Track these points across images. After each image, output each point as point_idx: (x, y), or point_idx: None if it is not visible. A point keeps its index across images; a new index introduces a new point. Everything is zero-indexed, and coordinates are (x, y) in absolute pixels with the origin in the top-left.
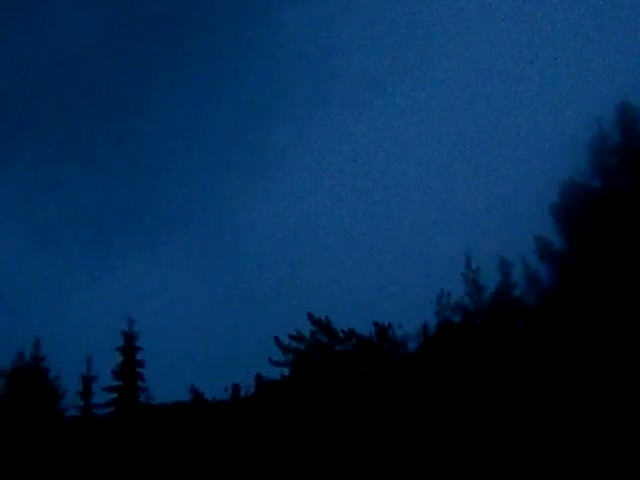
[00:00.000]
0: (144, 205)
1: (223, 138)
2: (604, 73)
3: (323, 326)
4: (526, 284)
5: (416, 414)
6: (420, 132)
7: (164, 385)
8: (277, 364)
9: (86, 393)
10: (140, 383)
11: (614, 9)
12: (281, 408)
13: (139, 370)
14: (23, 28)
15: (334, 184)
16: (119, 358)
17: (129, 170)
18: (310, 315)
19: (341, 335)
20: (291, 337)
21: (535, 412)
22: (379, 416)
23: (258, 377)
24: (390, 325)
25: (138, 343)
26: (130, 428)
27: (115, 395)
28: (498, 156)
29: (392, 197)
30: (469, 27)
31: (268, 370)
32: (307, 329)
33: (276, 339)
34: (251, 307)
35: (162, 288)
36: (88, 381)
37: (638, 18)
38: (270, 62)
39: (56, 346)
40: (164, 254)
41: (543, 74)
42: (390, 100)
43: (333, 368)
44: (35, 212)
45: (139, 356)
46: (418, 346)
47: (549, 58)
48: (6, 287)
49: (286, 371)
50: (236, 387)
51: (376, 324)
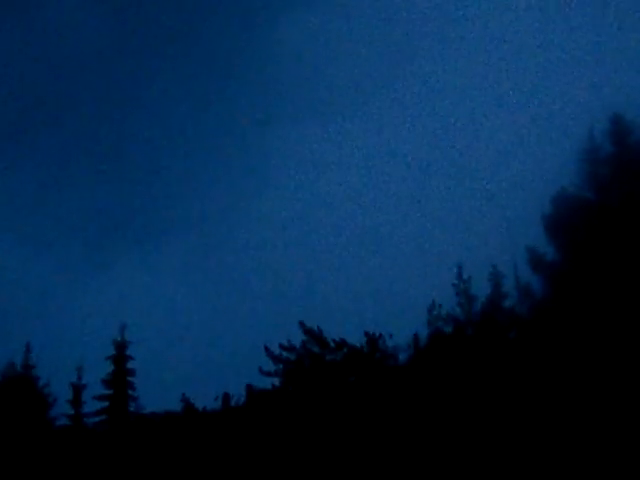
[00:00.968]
0: (136, 213)
1: (219, 142)
2: (596, 84)
3: (314, 335)
4: (518, 294)
5: (407, 424)
6: (413, 141)
7: (154, 394)
8: (268, 374)
9: (76, 401)
10: (131, 392)
11: (608, 17)
12: (272, 418)
13: (130, 379)
14: (23, 29)
15: (327, 192)
16: (110, 367)
17: (123, 176)
18: (302, 324)
19: (332, 345)
20: (282, 347)
21: (527, 422)
22: (370, 426)
23: (249, 387)
24: (381, 335)
25: (129, 352)
26: (120, 437)
27: (106, 404)
28: (490, 166)
29: (384, 206)
30: (464, 33)
31: (259, 379)
32: (298, 339)
33: (266, 349)
34: (242, 316)
35: (153, 297)
36: (78, 389)
37: (633, 27)
38: (267, 66)
39: (47, 354)
40: (155, 263)
41: (536, 83)
42: (383, 106)
43: (324, 378)
44: (27, 218)
45: (130, 365)
46: (409, 356)
47: (542, 67)
48: None
49: (277, 381)
50: (227, 396)
51: (367, 334)
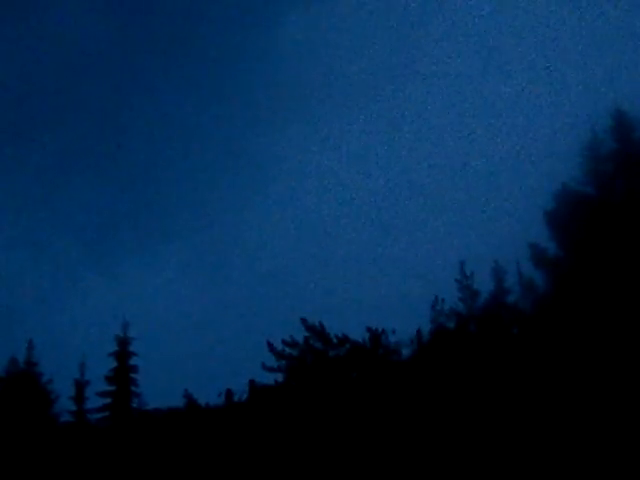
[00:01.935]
0: (140, 211)
1: (220, 144)
2: (599, 80)
3: (317, 331)
4: (520, 290)
5: (410, 420)
6: (415, 138)
7: (157, 390)
8: (271, 370)
9: (79, 398)
10: (133, 388)
11: (610, 15)
12: (275, 413)
13: (133, 375)
14: (23, 31)
15: (329, 190)
16: (113, 363)
17: (125, 176)
18: (304, 320)
19: (334, 341)
20: (284, 343)
21: (530, 417)
22: (372, 422)
23: (251, 383)
24: (384, 331)
25: (132, 348)
26: (123, 434)
27: (108, 400)
28: (493, 162)
29: (387, 203)
30: (465, 32)
31: (262, 376)
32: (301, 335)
33: (269, 345)
34: (245, 312)
35: (156, 293)
36: (81, 386)
37: (634, 24)
38: (269, 67)
39: (50, 351)
40: (159, 260)
41: (539, 80)
42: (386, 105)
43: (326, 374)
44: (30, 217)
45: (133, 361)
46: (412, 352)
47: (545, 65)
48: (0, 292)
49: (280, 377)
50: (229, 392)
51: (370, 330)
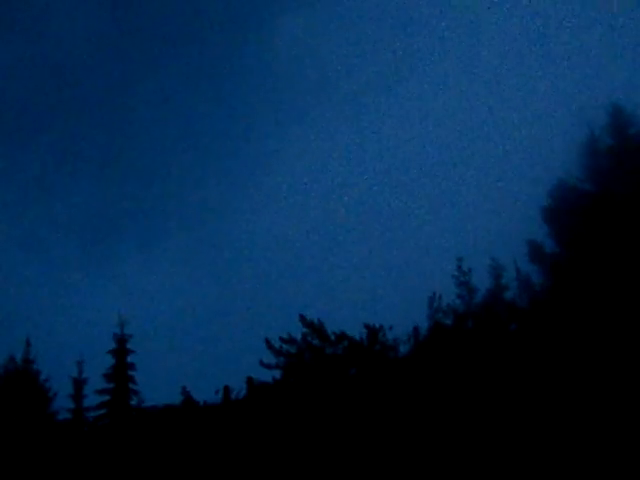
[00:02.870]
0: (138, 209)
1: (217, 143)
2: (596, 76)
3: (315, 328)
4: (518, 286)
5: (407, 417)
6: (412, 136)
7: (155, 388)
8: (268, 367)
9: (77, 395)
10: (132, 386)
11: (606, 11)
12: (272, 410)
13: (131, 373)
14: (22, 32)
15: (327, 188)
16: (111, 360)
17: (124, 174)
18: (302, 317)
19: (332, 337)
20: (282, 340)
21: (527, 414)
22: (370, 419)
23: (249, 380)
24: (381, 327)
25: (130, 346)
26: (121, 431)
27: (106, 397)
28: (490, 159)
29: (384, 200)
30: (461, 31)
31: (260, 372)
32: (298, 331)
33: (267, 342)
34: (242, 309)
35: (154, 291)
36: (79, 383)
37: (634, 19)
38: (266, 66)
39: (48, 348)
40: (157, 257)
41: (536, 77)
42: (382, 104)
43: (324, 370)
44: (28, 214)
45: (131, 359)
46: (410, 348)
47: (540, 61)
48: None
49: (277, 374)
50: (227, 389)
51: (367, 326)
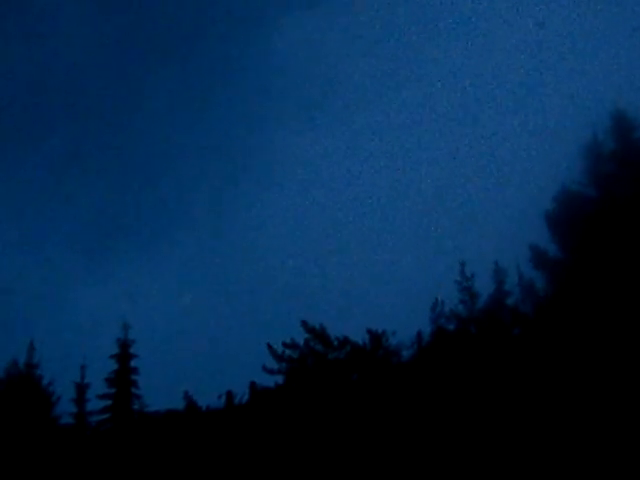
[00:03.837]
0: (140, 214)
1: (219, 145)
2: (600, 80)
3: (317, 333)
4: (521, 292)
5: (410, 422)
6: (415, 139)
7: (158, 392)
8: (271, 372)
9: (80, 400)
10: (134, 390)
11: (611, 12)
12: (275, 416)
13: (133, 377)
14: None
15: (328, 191)
16: (113, 365)
17: (125, 176)
18: (304, 323)
19: (335, 343)
20: (285, 345)
21: (531, 420)
22: (373, 424)
23: (252, 385)
24: (384, 333)
25: (132, 350)
26: (124, 436)
27: (109, 402)
28: (493, 163)
29: (386, 203)
30: (466, 33)
31: (262, 378)
32: (301, 337)
33: (270, 347)
34: (245, 314)
35: (157, 295)
36: (82, 388)
37: (635, 21)
38: (266, 68)
39: (51, 353)
40: (159, 261)
41: (538, 81)
42: (386, 103)
43: (327, 376)
44: (31, 218)
45: (133, 363)
46: (412, 354)
47: (544, 65)
48: (1, 294)
49: (280, 379)
50: (230, 394)
51: (370, 332)
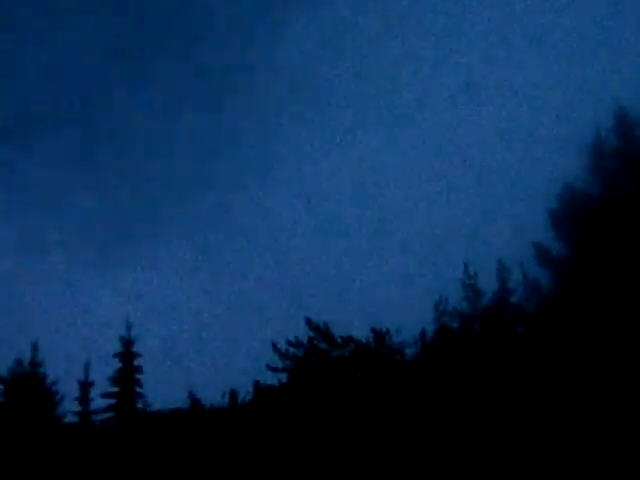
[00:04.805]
0: (143, 211)
1: (221, 148)
2: (602, 78)
3: (321, 332)
4: (525, 290)
5: (414, 420)
6: (419, 139)
7: (162, 391)
8: (275, 370)
9: (84, 399)
10: (138, 389)
11: (613, 12)
12: (279, 414)
13: (137, 376)
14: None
15: (334, 191)
16: (117, 364)
17: (128, 178)
18: (308, 321)
19: (339, 341)
20: (288, 343)
21: (535, 418)
22: (377, 422)
23: (256, 383)
24: (388, 331)
25: (136, 349)
26: (127, 434)
27: (113, 401)
28: (497, 162)
29: (389, 203)
30: (464, 28)
31: (266, 376)
32: (305, 335)
33: (274, 345)
34: (249, 313)
35: (160, 294)
36: (86, 387)
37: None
38: (265, 69)
39: (55, 352)
40: (162, 261)
41: (541, 78)
42: (388, 105)
43: (330, 374)
44: (33, 217)
45: (137, 362)
46: (416, 352)
47: (547, 62)
48: (4, 292)
49: (284, 377)
50: (234, 393)
51: (374, 330)
